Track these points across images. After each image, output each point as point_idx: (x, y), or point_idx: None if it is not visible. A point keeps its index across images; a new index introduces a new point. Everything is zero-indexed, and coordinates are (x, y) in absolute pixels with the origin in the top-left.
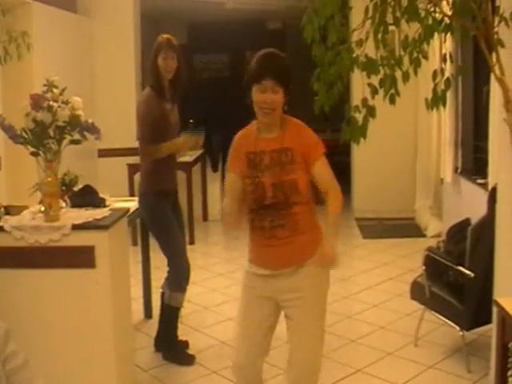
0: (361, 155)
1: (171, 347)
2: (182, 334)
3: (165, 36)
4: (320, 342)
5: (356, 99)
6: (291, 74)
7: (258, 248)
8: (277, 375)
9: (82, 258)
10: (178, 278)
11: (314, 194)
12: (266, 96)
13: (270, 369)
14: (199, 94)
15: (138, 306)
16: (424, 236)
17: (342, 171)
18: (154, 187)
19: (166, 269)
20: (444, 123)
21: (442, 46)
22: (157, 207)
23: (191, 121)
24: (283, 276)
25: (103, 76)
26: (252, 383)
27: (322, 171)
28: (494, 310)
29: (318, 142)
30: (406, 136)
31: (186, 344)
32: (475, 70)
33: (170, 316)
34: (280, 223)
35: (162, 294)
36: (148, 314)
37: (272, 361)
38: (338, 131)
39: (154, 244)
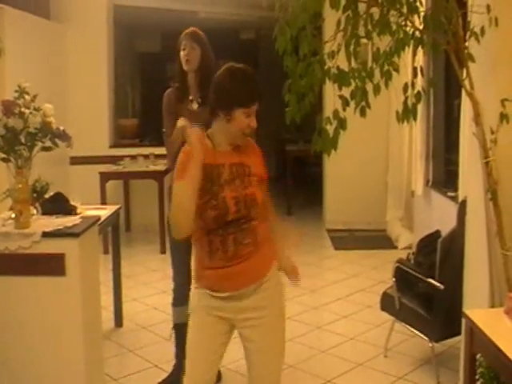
0: (332, 166)
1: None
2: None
3: (188, 29)
4: (281, 361)
5: (328, 110)
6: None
7: (214, 272)
8: None
9: (52, 265)
10: (176, 292)
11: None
12: (252, 120)
13: None
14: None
15: (108, 315)
16: (395, 248)
17: (314, 182)
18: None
19: (140, 278)
20: (415, 136)
21: (414, 59)
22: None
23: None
24: (244, 296)
25: (76, 83)
26: None
27: (263, 194)
28: (463, 321)
29: (263, 162)
30: (377, 148)
31: (218, 376)
32: (446, 83)
33: (179, 336)
34: (243, 240)
35: None
36: (118, 322)
37: None
38: (309, 142)
39: (124, 252)
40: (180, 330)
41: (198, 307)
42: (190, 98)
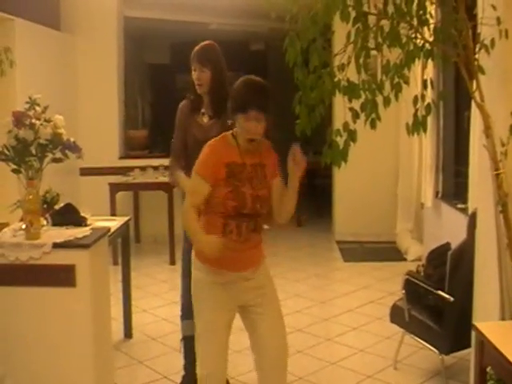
0: (342, 178)
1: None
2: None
3: (200, 45)
4: (285, 329)
5: (338, 123)
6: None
7: (227, 252)
8: None
9: (62, 276)
10: (184, 306)
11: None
12: (252, 126)
13: None
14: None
15: (118, 326)
16: (404, 260)
17: (324, 194)
18: None
19: (149, 289)
20: (425, 148)
21: (424, 71)
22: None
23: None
24: (246, 277)
25: (86, 94)
26: None
27: (280, 185)
28: (473, 334)
29: (277, 161)
30: (387, 160)
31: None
32: (456, 95)
33: (187, 348)
34: (254, 229)
35: None
36: (128, 333)
37: None
38: (319, 154)
39: (134, 263)
40: (189, 342)
41: (203, 300)
42: (202, 111)
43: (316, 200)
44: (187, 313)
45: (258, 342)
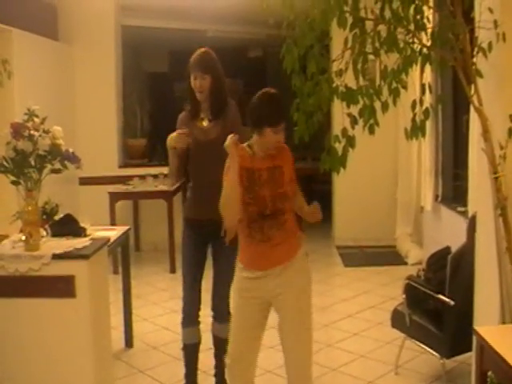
0: (342, 183)
1: None
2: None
3: (199, 51)
4: (309, 327)
5: (337, 129)
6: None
7: (253, 249)
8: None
9: (62, 287)
10: (182, 312)
11: (298, 222)
12: (280, 136)
13: None
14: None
15: (118, 335)
16: (405, 264)
17: (323, 199)
18: (183, 213)
19: (150, 298)
20: (424, 152)
21: (422, 75)
22: (183, 233)
23: None
24: (274, 274)
25: (84, 104)
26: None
27: (297, 192)
28: (474, 338)
29: (292, 160)
30: (386, 164)
31: None
32: (455, 99)
33: (186, 355)
34: (276, 227)
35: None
36: (128, 342)
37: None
38: (318, 160)
39: (134, 272)
40: (189, 350)
41: (241, 290)
42: (201, 116)
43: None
44: (186, 320)
45: (282, 343)
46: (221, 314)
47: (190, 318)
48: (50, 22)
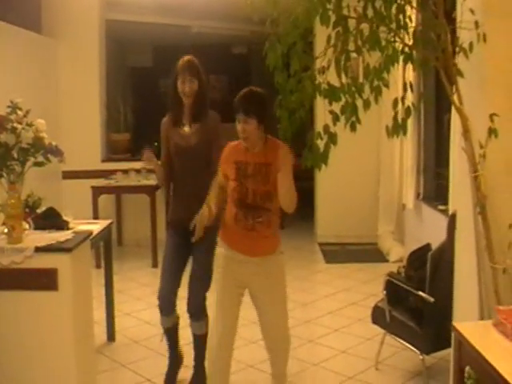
0: (324, 180)
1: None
2: None
3: (185, 58)
4: (285, 310)
5: (319, 126)
6: (264, 107)
7: (239, 236)
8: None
9: (44, 280)
10: (160, 300)
11: (280, 220)
12: (241, 127)
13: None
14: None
15: (100, 329)
16: (386, 261)
17: (306, 196)
18: (166, 215)
19: (132, 292)
20: (406, 150)
21: (405, 74)
22: (166, 233)
23: (156, 144)
24: (255, 262)
25: (67, 97)
26: (225, 364)
27: (285, 174)
28: (452, 334)
29: (288, 159)
30: (368, 162)
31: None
32: (437, 98)
33: (168, 338)
34: (260, 220)
35: None
36: (111, 337)
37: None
38: (301, 156)
39: (116, 267)
40: (169, 333)
41: (224, 270)
42: (183, 122)
43: (298, 202)
44: (164, 309)
45: (262, 327)
46: (196, 311)
47: (166, 307)
48: (34, 15)
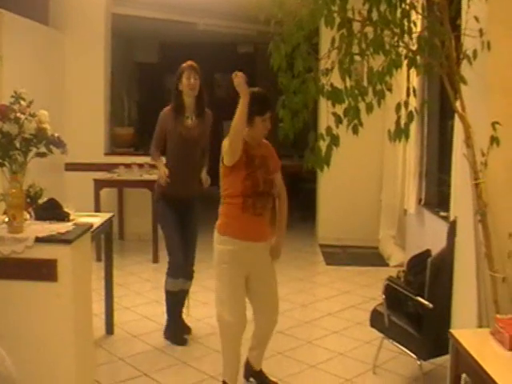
0: (327, 182)
1: (168, 327)
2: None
3: (188, 63)
4: (277, 291)
5: (322, 127)
6: None
7: (246, 224)
8: None
9: (44, 271)
10: (171, 266)
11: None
12: (268, 124)
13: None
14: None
15: (99, 322)
16: (387, 265)
17: (308, 198)
18: (157, 190)
19: (132, 287)
20: (409, 155)
21: (409, 79)
22: (158, 207)
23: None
24: (260, 247)
25: (72, 90)
26: (240, 339)
27: (280, 178)
28: (450, 341)
29: (278, 159)
30: (371, 166)
31: (188, 329)
32: (441, 103)
33: (167, 299)
34: (267, 207)
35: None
36: (109, 330)
37: None
38: (303, 157)
39: (117, 261)
40: (171, 295)
41: (231, 263)
42: (186, 115)
43: (300, 204)
44: (174, 272)
45: (262, 296)
46: (192, 271)
47: (177, 271)
48: (42, 7)
